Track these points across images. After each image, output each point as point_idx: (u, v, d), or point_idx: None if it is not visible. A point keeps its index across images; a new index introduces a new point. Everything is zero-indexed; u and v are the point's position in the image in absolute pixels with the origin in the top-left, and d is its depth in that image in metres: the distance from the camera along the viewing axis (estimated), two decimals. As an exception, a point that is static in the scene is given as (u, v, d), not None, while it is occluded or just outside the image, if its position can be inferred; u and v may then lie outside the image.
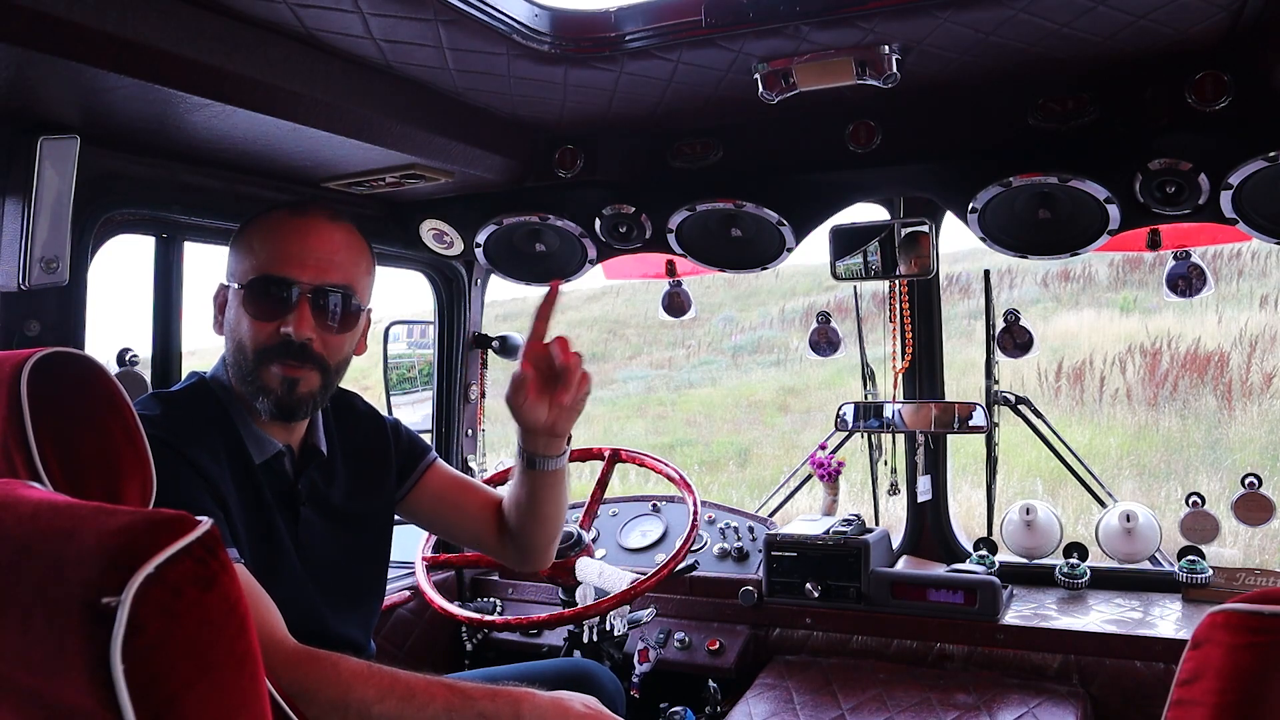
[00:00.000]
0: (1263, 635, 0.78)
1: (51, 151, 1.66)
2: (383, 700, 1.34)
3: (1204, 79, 1.89)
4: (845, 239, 2.43)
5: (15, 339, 1.74)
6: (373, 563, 1.84)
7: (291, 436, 1.69)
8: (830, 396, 11.02)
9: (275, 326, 1.57)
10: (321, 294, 1.59)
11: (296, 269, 1.57)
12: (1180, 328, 11.65)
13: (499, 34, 1.68)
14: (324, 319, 1.60)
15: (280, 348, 1.57)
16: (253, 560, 1.53)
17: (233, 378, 1.62)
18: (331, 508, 1.75)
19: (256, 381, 1.58)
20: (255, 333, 1.58)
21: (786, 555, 2.53)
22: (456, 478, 1.98)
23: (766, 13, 1.65)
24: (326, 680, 1.35)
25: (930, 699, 2.14)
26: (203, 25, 1.49)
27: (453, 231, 2.66)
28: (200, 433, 1.55)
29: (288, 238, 1.60)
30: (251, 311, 1.58)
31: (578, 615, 2.21)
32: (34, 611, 0.73)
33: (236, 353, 1.61)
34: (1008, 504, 2.72)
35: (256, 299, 1.58)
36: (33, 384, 1.01)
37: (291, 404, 1.60)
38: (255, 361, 1.58)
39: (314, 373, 1.61)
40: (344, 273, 1.62)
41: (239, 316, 1.60)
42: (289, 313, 1.57)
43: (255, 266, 1.59)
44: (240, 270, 1.62)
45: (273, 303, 1.57)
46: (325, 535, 1.72)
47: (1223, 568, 2.41)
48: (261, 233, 1.62)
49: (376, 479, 1.85)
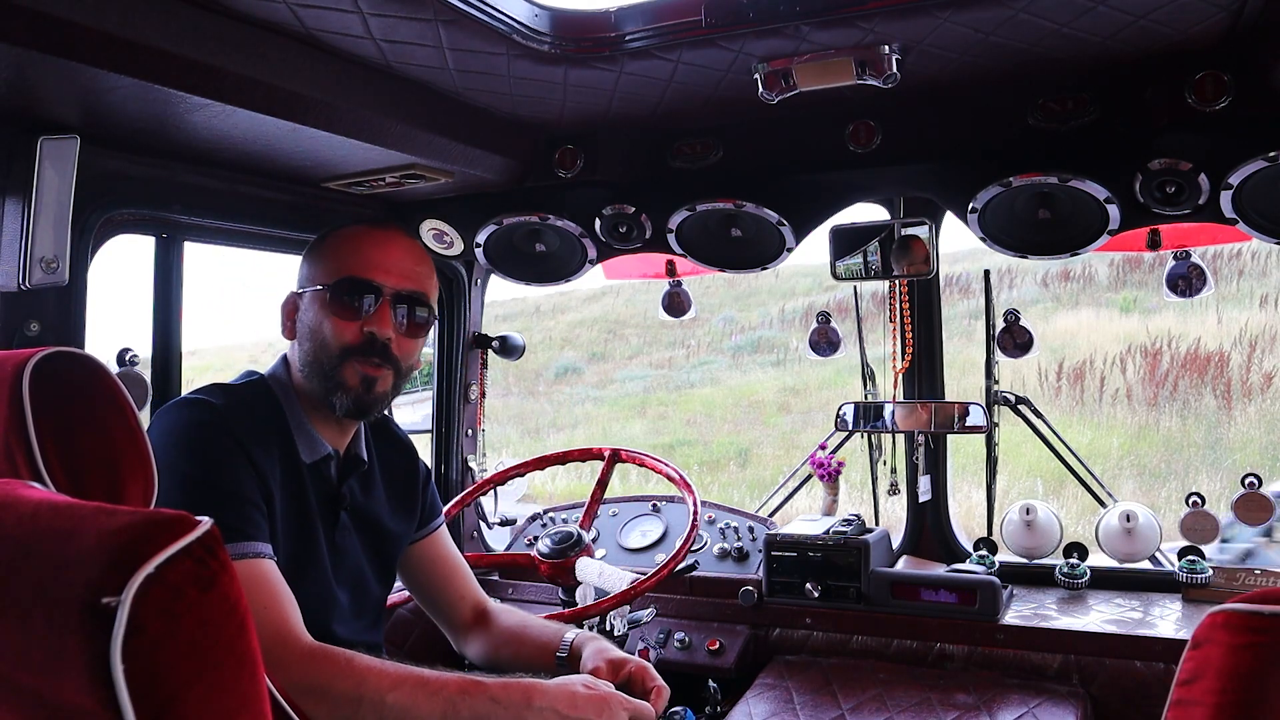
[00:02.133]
0: (1263, 635, 0.78)
1: (51, 151, 1.66)
2: (396, 689, 1.38)
3: (1204, 79, 1.89)
4: (845, 239, 2.43)
5: (15, 339, 1.74)
6: (388, 575, 1.89)
7: (341, 442, 1.77)
8: (830, 396, 11.03)
9: (359, 325, 1.67)
10: (402, 299, 1.70)
11: (381, 274, 1.68)
12: (1180, 328, 11.65)
13: (499, 34, 1.68)
14: (403, 322, 1.71)
15: (364, 346, 1.66)
16: (285, 557, 1.57)
17: (308, 376, 1.70)
18: (367, 517, 1.81)
19: (336, 378, 1.66)
20: (339, 331, 1.66)
21: (786, 555, 2.53)
22: (453, 555, 2.02)
23: (766, 13, 1.65)
24: (341, 674, 1.39)
25: (930, 699, 2.14)
26: (203, 25, 1.49)
27: (453, 231, 2.66)
28: (257, 426, 1.62)
29: (372, 246, 1.71)
30: (336, 311, 1.67)
31: (577, 615, 2.21)
32: (34, 611, 0.73)
33: (318, 350, 1.68)
34: (1009, 504, 2.72)
35: (342, 299, 1.67)
36: (34, 384, 1.01)
37: (369, 401, 1.69)
38: (339, 358, 1.66)
39: (390, 373, 1.70)
40: (421, 282, 1.74)
41: (320, 316, 1.68)
42: (372, 313, 1.67)
43: (340, 269, 1.69)
44: (321, 273, 1.70)
45: (359, 303, 1.67)
46: (357, 542, 1.78)
47: (1223, 568, 2.41)
48: (345, 242, 1.73)
49: (407, 504, 1.92)
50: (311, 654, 1.41)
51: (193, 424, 1.54)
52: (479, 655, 1.96)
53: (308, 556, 1.65)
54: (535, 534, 2.86)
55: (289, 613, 1.46)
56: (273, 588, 1.47)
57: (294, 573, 1.55)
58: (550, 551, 2.37)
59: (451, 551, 2.02)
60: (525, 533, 3.03)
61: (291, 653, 1.40)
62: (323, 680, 1.38)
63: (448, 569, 1.99)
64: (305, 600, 1.52)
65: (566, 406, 14.79)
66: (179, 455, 1.49)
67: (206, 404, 1.58)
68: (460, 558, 2.04)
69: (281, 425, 1.68)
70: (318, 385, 1.68)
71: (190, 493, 1.47)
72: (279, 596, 1.47)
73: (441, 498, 2.98)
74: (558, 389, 15.61)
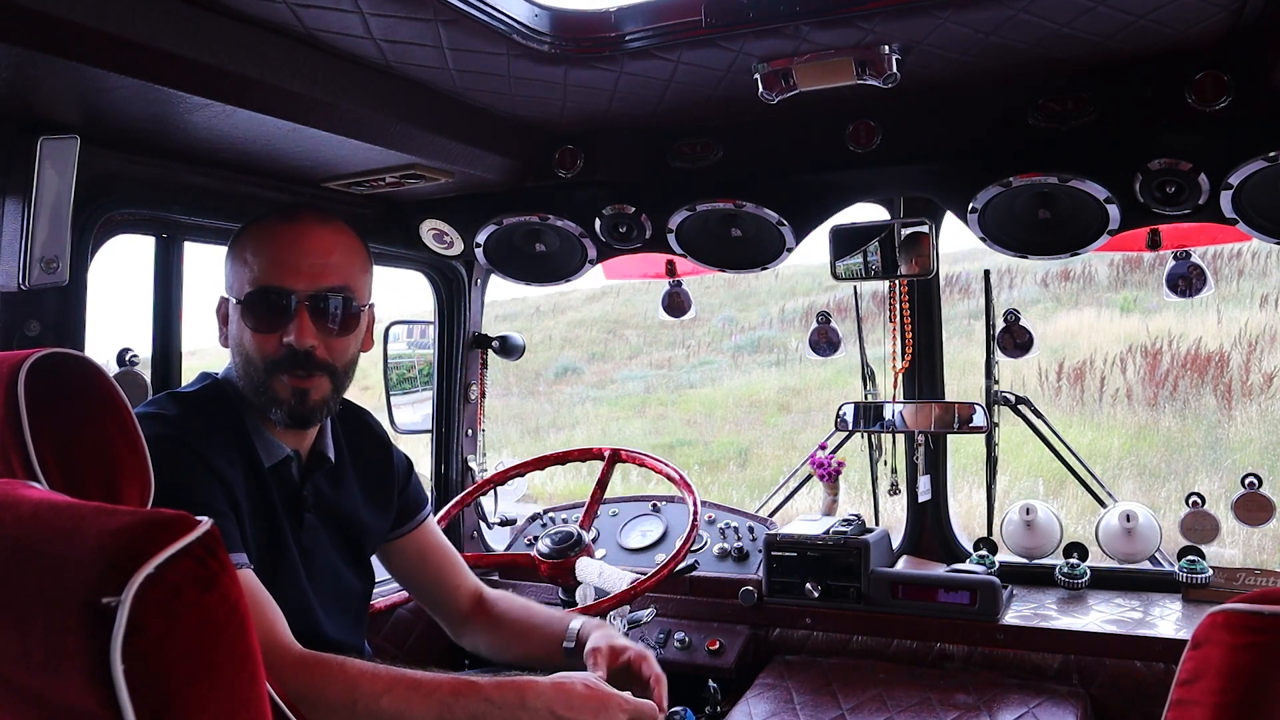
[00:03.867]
0: (1263, 635, 0.78)
1: (51, 151, 1.66)
2: (390, 692, 1.37)
3: (1204, 79, 1.88)
4: (845, 239, 2.43)
5: (15, 339, 1.74)
6: (366, 571, 1.86)
7: (301, 442, 1.71)
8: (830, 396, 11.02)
9: (278, 337, 1.58)
10: (319, 299, 1.59)
11: (291, 278, 1.57)
12: (1180, 328, 11.65)
13: (499, 34, 1.68)
14: (325, 324, 1.60)
15: (287, 359, 1.58)
16: (259, 564, 1.54)
17: (244, 388, 1.63)
18: (337, 513, 1.77)
19: (268, 393, 1.59)
20: (260, 345, 1.59)
21: (786, 555, 2.53)
22: (443, 545, 1.99)
23: (766, 13, 1.65)
24: (333, 681, 1.37)
25: (930, 699, 2.14)
26: (203, 25, 1.49)
27: (453, 231, 2.66)
28: (216, 435, 1.56)
29: (280, 246, 1.59)
30: (252, 325, 1.59)
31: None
32: (34, 611, 0.73)
33: (245, 365, 1.62)
34: (1009, 504, 2.71)
35: (256, 312, 1.58)
36: (30, 385, 1.01)
37: (305, 413, 1.61)
38: (265, 373, 1.59)
39: (323, 379, 1.62)
40: (340, 274, 1.62)
41: (241, 330, 1.60)
42: (289, 322, 1.57)
43: (252, 279, 1.59)
44: (238, 284, 1.62)
45: (272, 314, 1.58)
46: (326, 541, 1.74)
47: (1223, 568, 2.41)
48: (254, 243, 1.62)
49: (382, 499, 1.88)
50: (303, 662, 1.39)
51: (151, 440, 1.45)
52: (480, 646, 1.94)
53: (278, 561, 1.61)
54: (535, 534, 2.86)
55: (276, 622, 1.44)
56: (255, 596, 1.43)
57: (267, 578, 1.52)
58: (550, 551, 2.37)
59: (442, 541, 1.99)
60: (525, 533, 3.03)
61: (282, 661, 1.38)
62: (315, 688, 1.36)
63: (439, 559, 1.97)
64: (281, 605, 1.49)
65: (566, 406, 14.78)
66: None
67: (161, 417, 1.51)
68: (452, 547, 2.02)
69: (239, 429, 1.62)
70: (253, 397, 1.62)
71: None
72: (264, 606, 1.44)
73: (442, 498, 3.02)
74: (558, 389, 15.61)
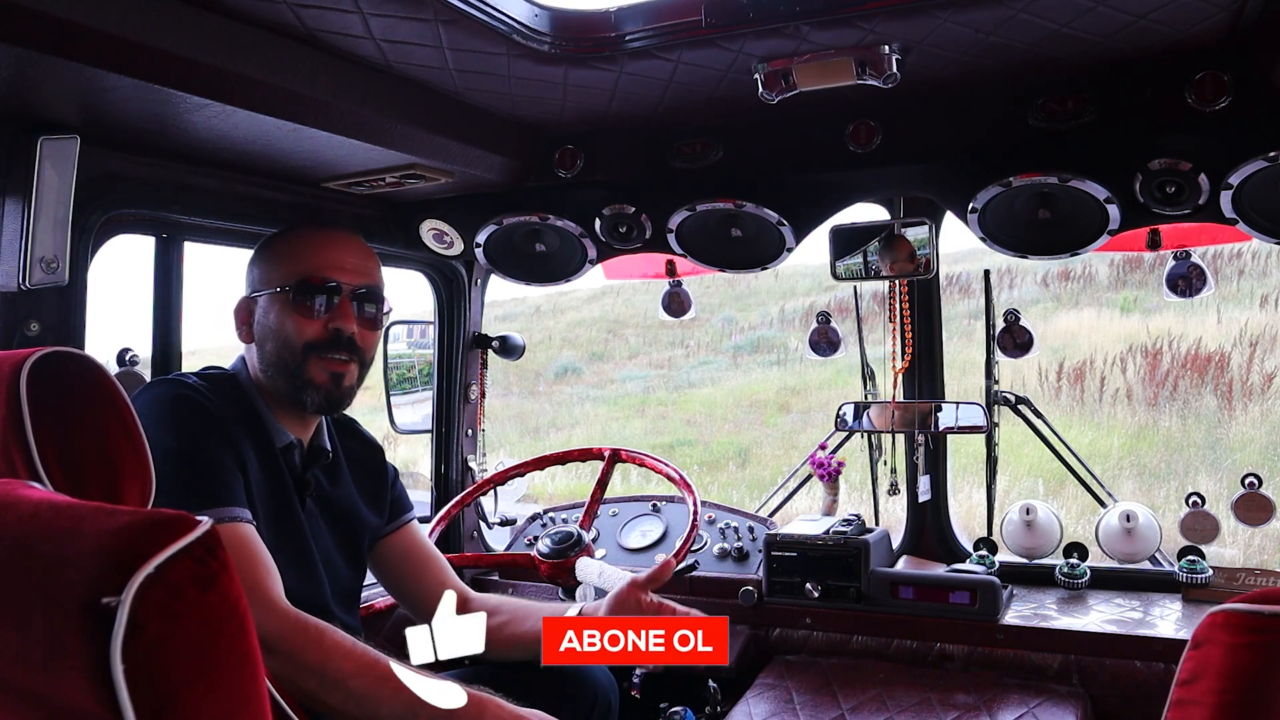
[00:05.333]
0: (1263, 635, 0.78)
1: (51, 151, 1.66)
2: (360, 676, 1.40)
3: (1204, 79, 1.89)
4: (845, 239, 2.43)
5: (15, 339, 1.74)
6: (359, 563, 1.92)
7: (303, 433, 1.82)
8: (830, 396, 11.02)
9: (323, 323, 1.75)
10: (361, 294, 1.79)
11: (338, 272, 1.77)
12: (1180, 328, 11.65)
13: (499, 34, 1.68)
14: (363, 316, 1.79)
15: (329, 342, 1.74)
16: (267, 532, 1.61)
17: (271, 376, 1.76)
18: (334, 506, 1.85)
19: (303, 376, 1.74)
20: (301, 330, 1.74)
21: (786, 555, 2.53)
22: (426, 548, 2.04)
23: (766, 13, 1.65)
24: (311, 645, 1.41)
25: (930, 699, 2.14)
26: (203, 25, 1.49)
27: (453, 231, 2.66)
28: (229, 408, 1.68)
29: (327, 246, 1.79)
30: (298, 310, 1.74)
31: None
32: (34, 611, 0.73)
33: (281, 350, 1.74)
34: (1009, 504, 2.71)
35: (304, 299, 1.75)
36: (32, 384, 1.01)
37: (339, 396, 1.77)
38: (302, 355, 1.73)
39: (355, 365, 1.79)
40: (375, 278, 1.84)
41: (282, 317, 1.74)
42: (334, 310, 1.75)
43: (298, 271, 1.76)
44: (278, 276, 1.76)
45: (319, 302, 1.75)
46: (323, 529, 1.82)
47: (1223, 568, 2.41)
48: (297, 244, 1.80)
49: (378, 499, 1.97)
50: (286, 617, 1.44)
51: (170, 399, 1.60)
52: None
53: (287, 531, 1.70)
54: (535, 534, 2.86)
55: (268, 576, 1.50)
56: (254, 550, 1.51)
57: (274, 546, 1.59)
58: (550, 551, 2.37)
59: (425, 543, 2.05)
60: (525, 533, 3.03)
61: (268, 614, 1.42)
62: (295, 647, 1.40)
63: (421, 559, 2.01)
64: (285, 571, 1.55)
65: (566, 406, 14.78)
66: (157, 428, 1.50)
67: (181, 382, 1.66)
68: (435, 550, 2.07)
69: (252, 410, 1.75)
70: (283, 384, 1.75)
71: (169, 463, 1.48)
72: (259, 559, 1.51)
73: (441, 498, 3.02)
74: (558, 389, 15.61)
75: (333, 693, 1.38)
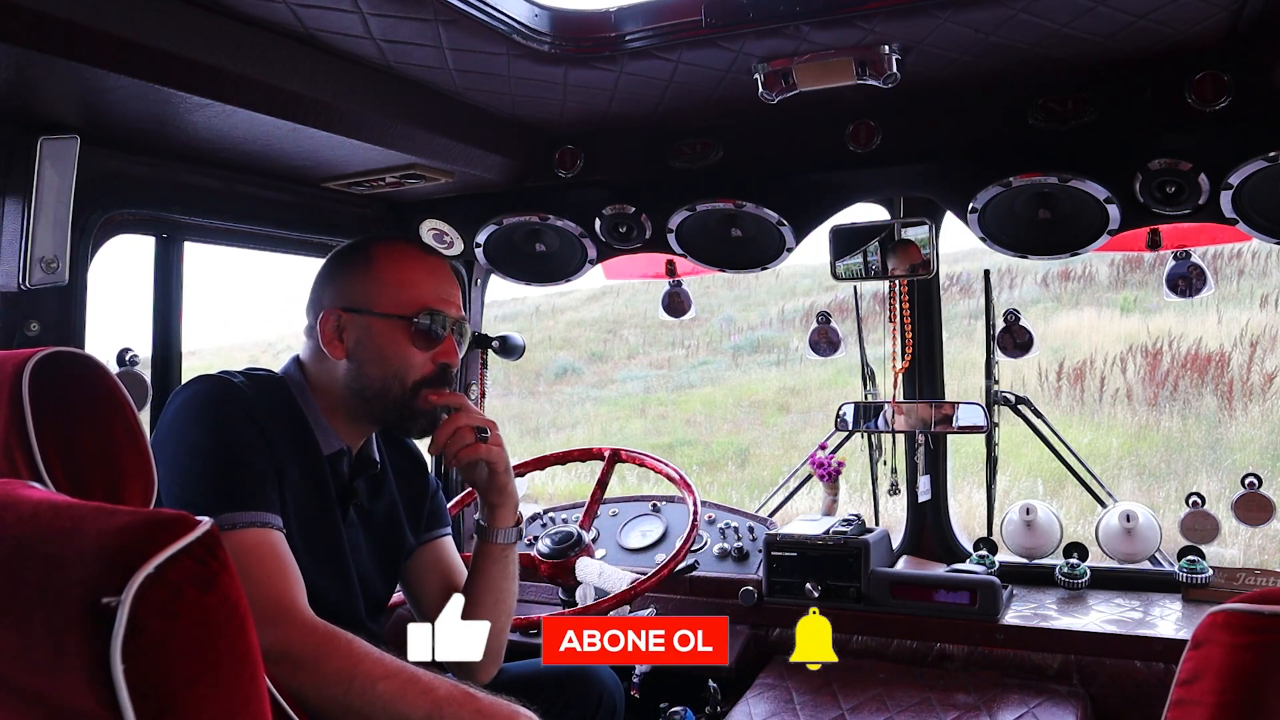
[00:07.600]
0: (1263, 635, 0.78)
1: (51, 151, 1.66)
2: (389, 679, 1.38)
3: (1204, 79, 1.89)
4: (845, 239, 2.43)
5: (15, 339, 1.74)
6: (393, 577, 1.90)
7: (355, 441, 1.78)
8: (830, 396, 11.02)
9: (430, 356, 1.71)
10: (460, 326, 1.77)
11: (445, 304, 1.73)
12: (1181, 328, 11.64)
13: (499, 34, 1.68)
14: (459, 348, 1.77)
15: (437, 376, 1.72)
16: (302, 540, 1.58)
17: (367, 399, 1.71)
18: (375, 519, 1.82)
19: (410, 407, 1.70)
20: (415, 363, 1.70)
21: (786, 555, 2.53)
22: (455, 562, 2.00)
23: (766, 13, 1.65)
24: (338, 652, 1.39)
25: (930, 699, 2.14)
26: (203, 25, 1.49)
27: (453, 231, 2.66)
28: (274, 410, 1.63)
29: (434, 275, 1.75)
30: (418, 343, 1.70)
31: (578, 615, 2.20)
32: (34, 611, 0.73)
33: (389, 380, 1.69)
34: (1009, 504, 2.71)
35: (424, 332, 1.70)
36: (34, 384, 1.01)
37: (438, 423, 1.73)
38: (413, 390, 1.70)
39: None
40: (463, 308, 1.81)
41: (398, 347, 1.69)
42: (441, 344, 1.73)
43: (418, 300, 1.70)
44: (392, 301, 1.70)
45: (434, 335, 1.72)
46: (361, 541, 1.78)
47: (1223, 568, 2.41)
48: (406, 267, 1.73)
49: (417, 513, 1.93)
50: (311, 627, 1.42)
51: (210, 397, 1.56)
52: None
53: (327, 541, 1.66)
54: (535, 534, 2.86)
55: (293, 584, 1.47)
56: (280, 558, 1.48)
57: (310, 555, 1.57)
58: (550, 551, 2.37)
59: (454, 559, 2.00)
60: (525, 533, 3.02)
61: (291, 623, 1.40)
62: (318, 655, 1.38)
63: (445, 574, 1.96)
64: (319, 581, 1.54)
65: (566, 406, 14.78)
66: (193, 426, 1.51)
67: (226, 381, 1.61)
68: (462, 566, 2.01)
69: (298, 416, 1.69)
70: (388, 411, 1.71)
71: (203, 461, 1.48)
72: (285, 566, 1.48)
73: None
74: (557, 389, 15.60)
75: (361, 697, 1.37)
